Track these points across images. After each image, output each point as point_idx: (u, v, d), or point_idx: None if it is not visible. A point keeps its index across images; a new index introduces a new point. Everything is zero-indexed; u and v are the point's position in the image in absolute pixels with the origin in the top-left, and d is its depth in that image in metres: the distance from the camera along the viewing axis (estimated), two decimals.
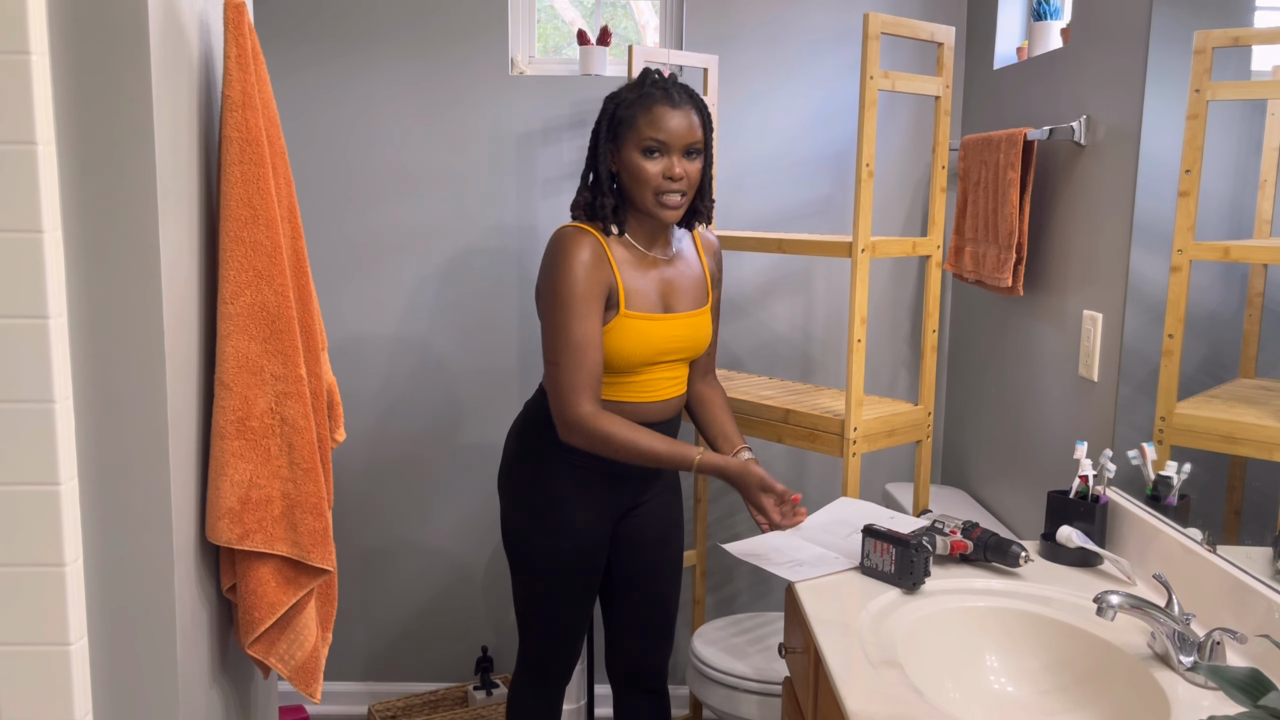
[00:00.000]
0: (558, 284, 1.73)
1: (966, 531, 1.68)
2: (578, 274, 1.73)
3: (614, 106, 1.79)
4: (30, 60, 1.09)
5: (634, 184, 1.77)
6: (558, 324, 1.73)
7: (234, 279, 1.34)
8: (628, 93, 1.79)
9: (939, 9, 2.60)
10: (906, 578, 1.58)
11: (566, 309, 1.73)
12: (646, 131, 1.74)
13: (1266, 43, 1.45)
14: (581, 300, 1.73)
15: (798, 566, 1.67)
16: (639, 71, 1.84)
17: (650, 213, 1.78)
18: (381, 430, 2.76)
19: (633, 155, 1.75)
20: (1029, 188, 2.04)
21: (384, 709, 2.70)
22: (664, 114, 1.74)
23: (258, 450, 1.36)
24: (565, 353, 1.73)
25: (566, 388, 1.73)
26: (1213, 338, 1.52)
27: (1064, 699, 1.45)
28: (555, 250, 1.76)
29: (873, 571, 1.64)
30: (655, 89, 1.77)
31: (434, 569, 2.84)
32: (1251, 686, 0.95)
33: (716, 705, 2.26)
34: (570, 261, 1.73)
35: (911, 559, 1.58)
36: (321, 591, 1.59)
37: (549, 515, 1.88)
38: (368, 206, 2.66)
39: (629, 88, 1.80)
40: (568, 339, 1.73)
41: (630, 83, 1.83)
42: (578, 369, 1.73)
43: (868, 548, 1.64)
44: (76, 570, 1.19)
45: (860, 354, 2.00)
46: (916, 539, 1.59)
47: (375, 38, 2.59)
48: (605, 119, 1.79)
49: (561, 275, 1.73)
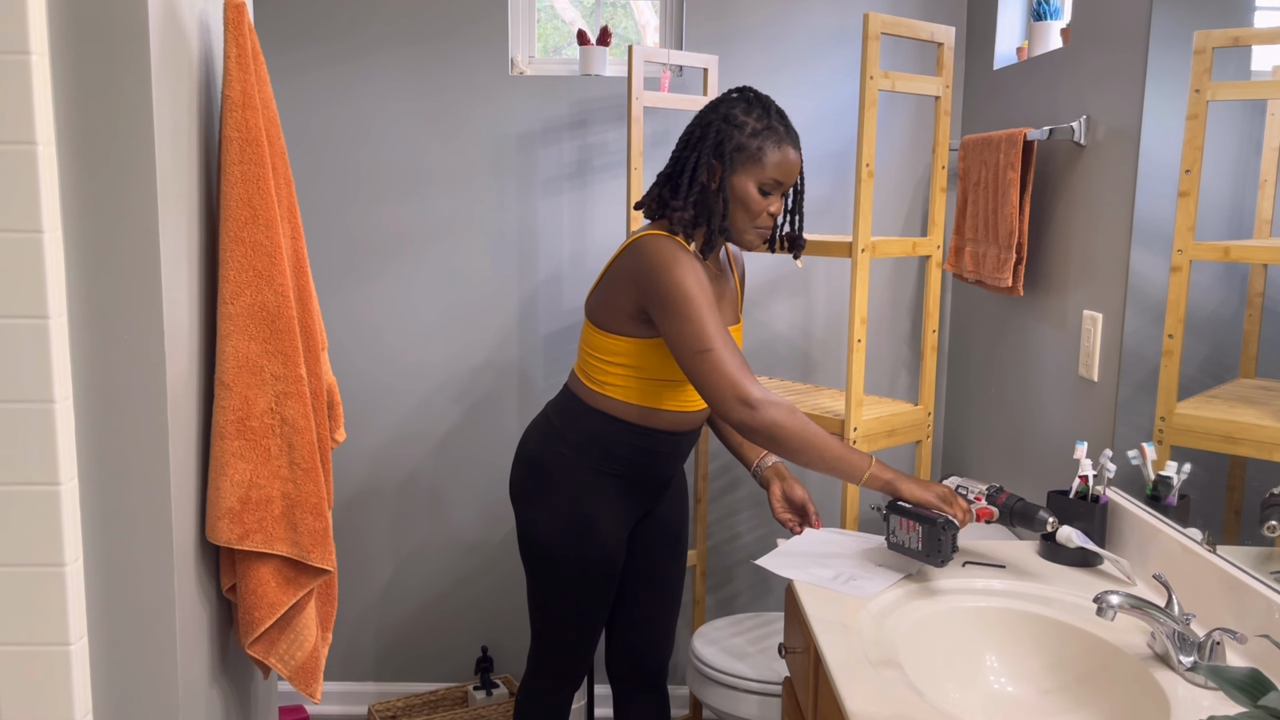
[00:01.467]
0: (682, 279, 1.68)
1: (991, 498, 1.64)
2: (697, 271, 1.70)
3: (729, 129, 1.74)
4: (30, 60, 1.09)
5: (738, 211, 1.75)
6: (694, 314, 1.66)
7: (234, 279, 1.34)
8: (748, 119, 1.74)
9: (939, 9, 2.60)
10: (935, 554, 1.57)
11: (697, 301, 1.67)
12: (772, 172, 1.74)
13: (1266, 43, 1.44)
14: (706, 291, 1.69)
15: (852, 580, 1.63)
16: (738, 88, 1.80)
17: (740, 240, 1.78)
18: (382, 430, 2.76)
19: (747, 185, 1.74)
20: (1029, 188, 2.04)
21: (384, 709, 2.70)
22: (789, 156, 1.74)
23: (258, 450, 1.36)
24: (716, 337, 1.66)
25: (734, 369, 1.65)
26: (1213, 338, 1.52)
27: (1064, 699, 1.45)
28: (663, 253, 1.71)
29: (899, 548, 1.62)
30: (779, 124, 1.75)
31: (434, 569, 2.84)
32: (1251, 686, 0.95)
33: (716, 705, 2.26)
34: (685, 261, 1.70)
35: (939, 536, 1.56)
36: (321, 591, 1.59)
37: (576, 521, 1.85)
38: (368, 206, 2.66)
39: (746, 112, 1.75)
40: (714, 324, 1.66)
41: (742, 103, 1.76)
42: (733, 351, 1.67)
43: (893, 524, 1.62)
44: (76, 570, 1.19)
45: (860, 354, 2.00)
46: (943, 516, 1.57)
47: (375, 38, 2.59)
48: (715, 136, 1.74)
49: (683, 271, 1.68)
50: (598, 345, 1.83)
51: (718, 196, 1.74)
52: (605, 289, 1.81)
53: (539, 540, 1.88)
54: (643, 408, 1.82)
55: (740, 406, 1.64)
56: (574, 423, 1.85)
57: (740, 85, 1.82)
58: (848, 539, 1.83)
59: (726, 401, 1.64)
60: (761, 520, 2.83)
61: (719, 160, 1.74)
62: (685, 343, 1.66)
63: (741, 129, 1.73)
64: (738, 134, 1.73)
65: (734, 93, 1.79)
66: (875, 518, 2.69)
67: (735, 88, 1.80)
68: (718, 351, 1.65)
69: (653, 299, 1.70)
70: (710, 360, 1.65)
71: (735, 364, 1.65)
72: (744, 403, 1.64)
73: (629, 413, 1.82)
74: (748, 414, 1.64)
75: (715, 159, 1.74)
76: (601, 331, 1.81)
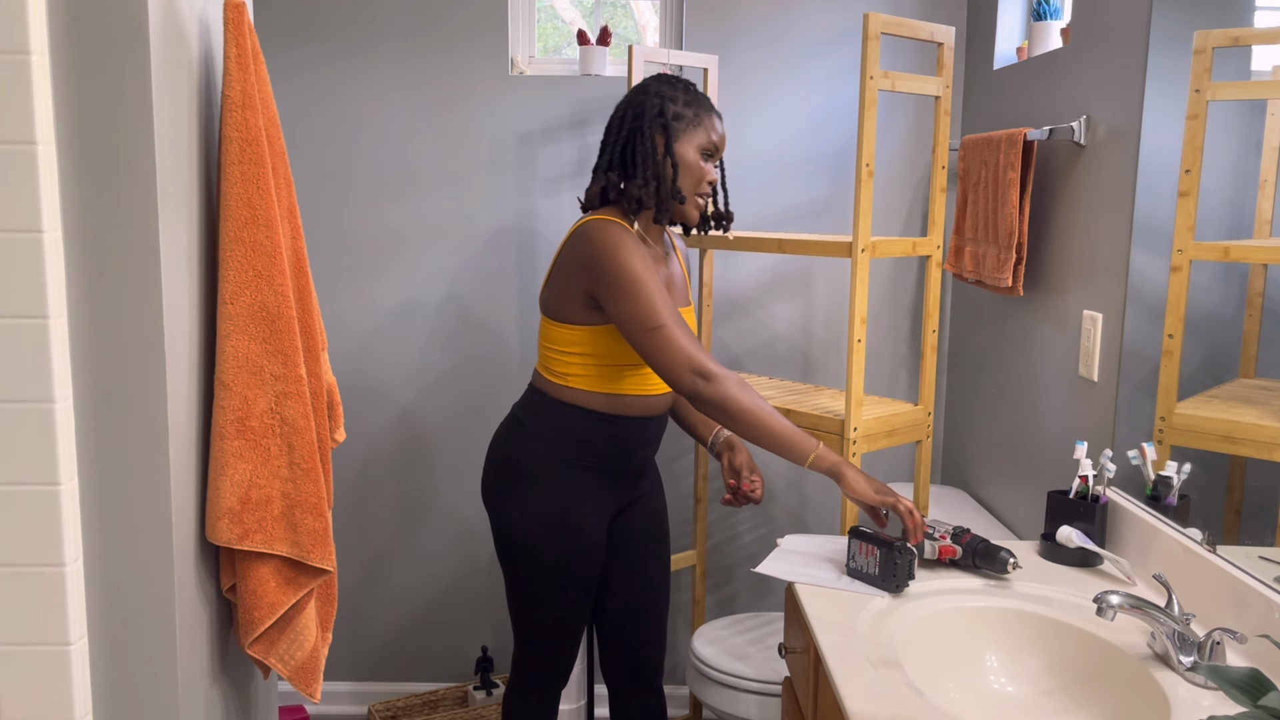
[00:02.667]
0: (627, 261, 1.70)
1: (956, 537, 1.68)
2: (641, 252, 1.73)
3: (664, 102, 1.79)
4: (30, 60, 1.09)
5: (686, 176, 1.79)
6: (642, 294, 1.69)
7: (234, 279, 1.34)
8: (677, 93, 1.80)
9: (939, 9, 2.60)
10: (890, 580, 1.58)
11: (644, 281, 1.70)
12: (710, 135, 1.80)
13: (1266, 43, 1.44)
14: (653, 272, 1.72)
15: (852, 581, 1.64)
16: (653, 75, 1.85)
17: (683, 211, 1.82)
18: (382, 430, 2.76)
19: (690, 151, 1.79)
20: (1029, 188, 2.04)
21: (384, 709, 2.70)
22: (720, 125, 1.83)
23: (258, 450, 1.36)
24: (666, 313, 1.69)
25: (687, 343, 1.69)
26: (1213, 338, 1.52)
27: (1064, 699, 1.45)
28: (609, 237, 1.73)
29: (858, 574, 1.63)
30: (704, 97, 1.82)
31: (434, 569, 2.84)
32: (1251, 686, 0.95)
33: (716, 705, 2.26)
34: (631, 243, 1.73)
35: (895, 561, 1.57)
36: (321, 592, 1.59)
37: (551, 515, 1.86)
38: (368, 206, 2.67)
39: (673, 88, 1.81)
40: (663, 302, 1.69)
41: (666, 83, 1.82)
42: (684, 327, 1.70)
43: (853, 549, 1.64)
44: (76, 570, 1.19)
45: (860, 354, 2.00)
46: (901, 542, 1.59)
47: (375, 38, 2.59)
48: (654, 109, 1.78)
49: (628, 253, 1.71)
50: (555, 338, 1.84)
51: (665, 164, 1.79)
52: (556, 280, 1.82)
53: (515, 537, 1.88)
54: (607, 395, 1.84)
55: (695, 378, 1.67)
56: (541, 418, 1.86)
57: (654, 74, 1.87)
58: (846, 542, 1.83)
59: (681, 374, 1.67)
60: (762, 520, 2.83)
61: (662, 131, 1.78)
62: (636, 322, 1.69)
63: (674, 100, 1.80)
64: (672, 105, 1.79)
65: (649, 78, 1.84)
66: None
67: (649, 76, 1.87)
68: (668, 327, 1.68)
69: (600, 283, 1.73)
70: (662, 336, 1.68)
71: (687, 339, 1.69)
72: (699, 374, 1.67)
73: (594, 401, 1.84)
74: (703, 385, 1.67)
75: (658, 130, 1.79)
76: (557, 323, 1.83)
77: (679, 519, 2.82)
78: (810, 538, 1.86)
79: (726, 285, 2.70)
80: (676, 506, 2.82)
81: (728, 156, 2.63)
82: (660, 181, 1.79)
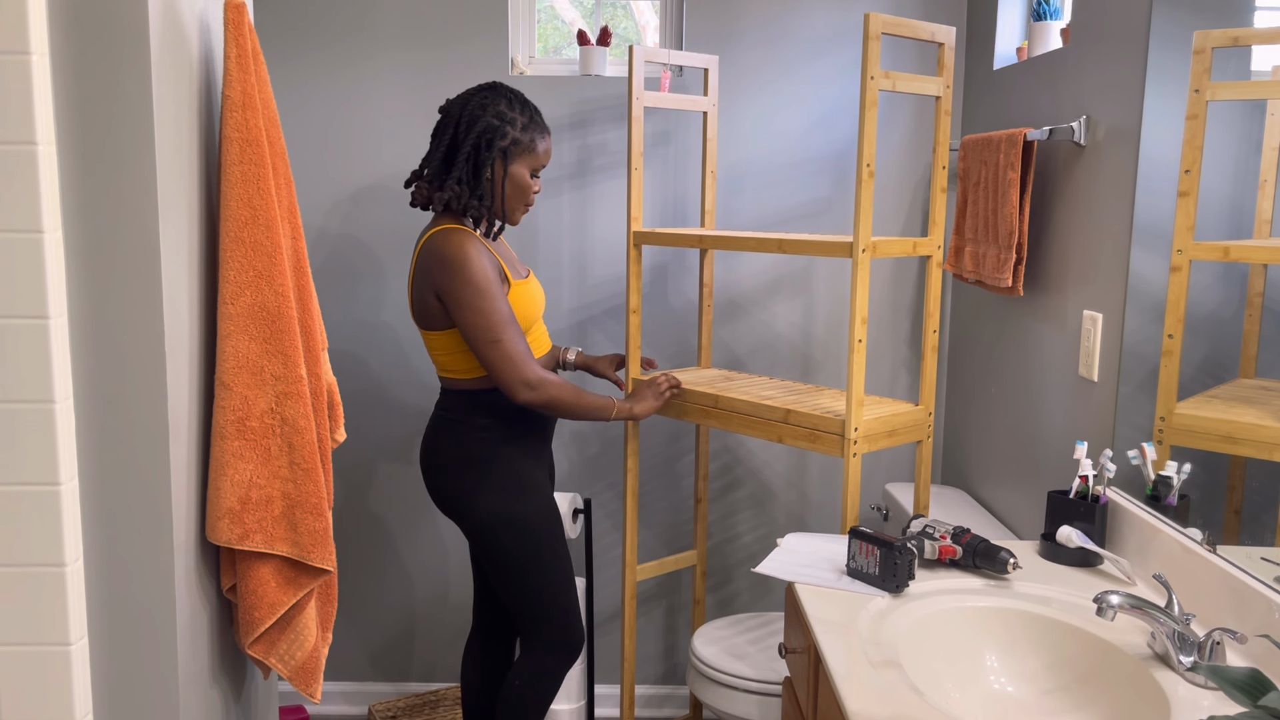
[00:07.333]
0: (472, 274, 1.89)
1: (956, 537, 1.68)
2: (484, 262, 1.92)
3: (503, 126, 1.95)
4: (30, 60, 1.09)
5: (515, 194, 2.01)
6: (486, 307, 1.90)
7: (234, 279, 1.34)
8: (515, 114, 1.97)
9: (939, 9, 2.60)
10: (890, 580, 1.58)
11: (488, 293, 1.90)
12: (542, 160, 2.03)
13: (1266, 43, 1.44)
14: (496, 284, 1.93)
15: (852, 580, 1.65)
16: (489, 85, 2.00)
17: (511, 218, 2.04)
18: (382, 430, 2.76)
19: (523, 173, 2.00)
20: (1029, 188, 2.04)
21: (384, 709, 2.70)
22: (549, 144, 2.03)
23: (258, 450, 1.36)
24: (505, 328, 1.92)
25: (521, 354, 1.93)
26: (1213, 338, 1.52)
27: (1064, 699, 1.45)
28: (454, 249, 1.90)
29: (858, 573, 1.64)
30: (539, 116, 2.01)
31: (434, 569, 2.84)
32: (1251, 686, 0.95)
33: (716, 705, 2.26)
34: (474, 253, 1.91)
35: (895, 561, 1.58)
36: (321, 592, 1.59)
37: (521, 486, 2.03)
38: (368, 206, 2.67)
39: (510, 107, 1.96)
40: (502, 316, 1.92)
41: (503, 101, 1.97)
42: (519, 338, 1.94)
43: (853, 549, 1.64)
44: (76, 570, 1.19)
45: (861, 354, 2.00)
46: (901, 542, 1.59)
47: (375, 38, 2.59)
48: (499, 138, 1.94)
49: (473, 266, 1.90)
50: (435, 344, 2.02)
51: (503, 186, 1.99)
52: (416, 293, 1.99)
53: (502, 515, 2.01)
54: None
55: (525, 390, 1.94)
56: (475, 408, 2.03)
57: (490, 82, 2.01)
58: (846, 542, 1.83)
59: (515, 387, 1.94)
60: (762, 520, 2.83)
61: (503, 156, 1.97)
62: (479, 334, 1.91)
63: (514, 125, 1.97)
64: (511, 130, 1.96)
65: (486, 91, 1.98)
66: (875, 518, 2.69)
67: (485, 85, 2.00)
68: (507, 342, 1.92)
69: (447, 293, 1.92)
70: (500, 350, 1.91)
71: (521, 351, 1.93)
72: (528, 385, 1.94)
73: (489, 382, 2.02)
74: (531, 394, 1.94)
75: (499, 156, 1.96)
76: (435, 332, 2.00)
77: (679, 519, 2.82)
78: (810, 537, 1.86)
79: (727, 285, 2.70)
80: (677, 506, 2.82)
81: (728, 156, 2.63)
82: (494, 200, 1.98)
